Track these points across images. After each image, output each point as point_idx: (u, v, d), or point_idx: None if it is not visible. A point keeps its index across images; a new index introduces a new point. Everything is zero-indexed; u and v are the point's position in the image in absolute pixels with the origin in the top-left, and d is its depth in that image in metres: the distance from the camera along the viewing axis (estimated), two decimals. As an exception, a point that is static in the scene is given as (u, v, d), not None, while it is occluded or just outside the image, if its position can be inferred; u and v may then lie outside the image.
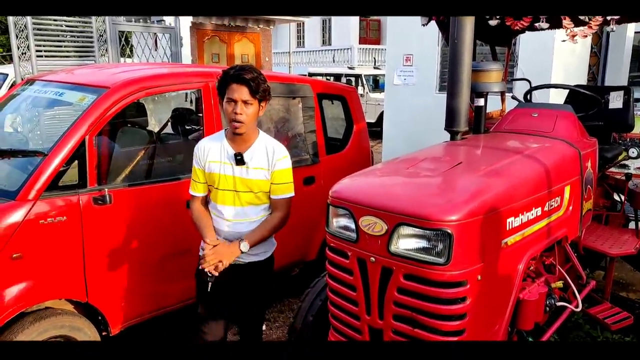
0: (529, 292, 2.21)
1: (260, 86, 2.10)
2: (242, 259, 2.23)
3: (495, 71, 3.06)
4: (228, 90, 2.08)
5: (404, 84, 7.00)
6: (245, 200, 2.22)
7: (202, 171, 2.23)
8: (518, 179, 2.27)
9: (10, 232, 2.37)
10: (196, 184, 2.27)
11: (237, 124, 2.09)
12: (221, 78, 2.11)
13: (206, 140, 2.28)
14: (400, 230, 1.89)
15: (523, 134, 2.98)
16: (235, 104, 2.07)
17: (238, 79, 2.06)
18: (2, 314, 2.36)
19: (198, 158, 2.24)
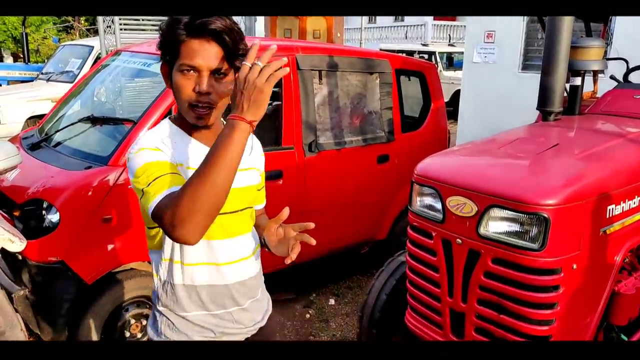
0: (625, 286, 2.07)
1: (241, 43, 1.25)
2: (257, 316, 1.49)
3: (596, 48, 2.85)
4: (184, 51, 1.22)
5: (484, 61, 6.69)
6: (242, 224, 1.40)
7: (174, 165, 1.24)
8: (620, 164, 2.11)
9: (102, 195, 2.51)
10: (171, 178, 1.19)
11: (204, 111, 1.25)
12: (168, 29, 1.23)
13: (149, 136, 1.28)
14: (492, 212, 1.83)
15: (623, 117, 2.76)
16: (200, 76, 1.22)
17: (204, 30, 1.20)
18: (91, 273, 2.52)
19: (158, 152, 1.24)
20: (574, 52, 2.79)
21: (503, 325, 1.88)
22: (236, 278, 1.39)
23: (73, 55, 7.96)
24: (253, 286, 1.45)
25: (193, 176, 1.10)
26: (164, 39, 1.25)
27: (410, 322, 2.23)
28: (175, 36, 1.21)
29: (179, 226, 1.08)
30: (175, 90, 1.26)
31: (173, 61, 1.25)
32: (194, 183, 1.08)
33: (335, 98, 3.55)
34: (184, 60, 1.21)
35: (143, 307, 2.76)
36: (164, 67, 1.30)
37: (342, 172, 3.54)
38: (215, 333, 1.39)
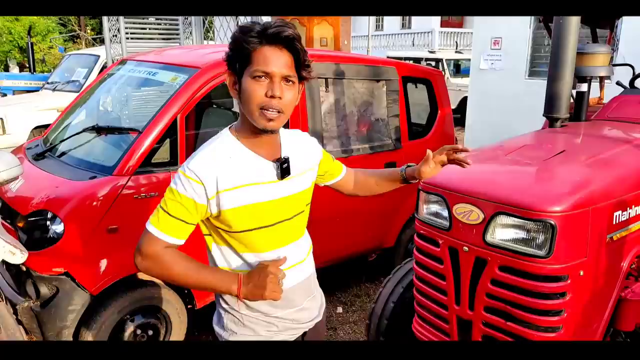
0: (632, 292, 2.06)
1: (306, 55, 1.33)
2: (314, 313, 1.58)
3: (602, 54, 2.86)
4: (257, 58, 1.26)
5: (491, 68, 6.70)
6: (296, 229, 1.48)
7: (203, 207, 1.33)
8: (626, 170, 2.11)
9: (107, 205, 2.50)
10: (179, 225, 1.32)
11: (275, 115, 1.29)
12: (240, 38, 1.27)
13: (208, 155, 1.34)
14: (498, 220, 1.83)
15: (630, 123, 2.76)
16: (272, 82, 1.27)
17: (278, 38, 1.26)
18: (97, 283, 2.52)
19: (200, 186, 1.30)
20: (580, 58, 2.80)
21: (510, 333, 1.88)
22: (293, 283, 1.46)
23: (79, 65, 8.02)
24: (308, 286, 1.54)
25: (178, 273, 1.34)
26: (234, 48, 1.29)
27: (418, 329, 2.23)
28: (248, 44, 1.26)
29: (139, 265, 1.35)
30: (245, 96, 1.29)
31: (243, 69, 1.29)
32: (172, 279, 1.36)
33: (342, 106, 3.57)
34: (257, 67, 1.26)
35: (149, 317, 2.77)
36: (231, 76, 1.34)
37: (349, 180, 3.54)
38: (279, 327, 1.47)
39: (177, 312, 2.87)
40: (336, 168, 1.68)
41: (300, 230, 1.50)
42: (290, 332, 1.51)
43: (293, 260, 1.46)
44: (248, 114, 1.31)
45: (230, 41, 1.30)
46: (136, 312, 2.73)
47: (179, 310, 2.88)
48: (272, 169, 1.38)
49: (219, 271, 1.40)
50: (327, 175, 1.66)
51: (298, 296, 1.49)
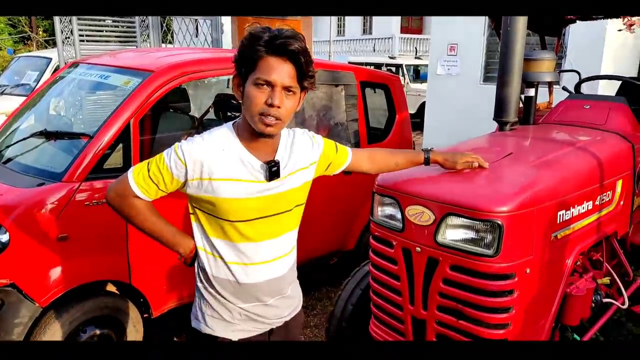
0: (576, 288, 2.16)
1: (310, 66, 1.40)
2: (283, 312, 1.61)
3: (547, 60, 2.98)
4: (261, 67, 1.33)
5: (448, 74, 6.88)
6: (283, 225, 1.53)
7: (179, 184, 1.44)
8: (569, 171, 2.21)
9: (56, 213, 2.41)
10: (152, 187, 1.45)
11: (273, 121, 1.36)
12: (249, 44, 1.35)
13: (202, 142, 1.43)
14: (449, 220, 1.88)
15: (574, 126, 2.89)
16: (273, 90, 1.35)
17: (283, 50, 1.33)
18: (46, 294, 2.42)
19: (182, 167, 1.41)
20: (527, 64, 2.91)
21: (462, 331, 1.93)
22: (260, 279, 1.51)
23: (30, 68, 7.72)
24: (280, 284, 1.56)
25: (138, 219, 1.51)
26: (243, 53, 1.38)
27: (374, 331, 2.26)
28: (255, 52, 1.34)
29: (111, 199, 1.51)
30: (247, 100, 1.38)
31: (247, 74, 1.37)
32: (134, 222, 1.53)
33: (300, 110, 3.58)
34: (260, 75, 1.34)
35: (103, 327, 2.68)
36: (236, 79, 1.42)
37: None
38: (241, 316, 1.53)
39: (133, 322, 2.80)
40: (341, 157, 1.75)
41: (281, 229, 1.52)
42: (253, 324, 1.54)
43: (264, 257, 1.50)
44: (248, 117, 1.39)
45: (240, 45, 1.39)
46: (89, 323, 2.64)
47: (134, 319, 2.80)
48: (261, 170, 1.44)
49: (172, 229, 1.56)
50: (331, 167, 1.73)
51: (266, 292, 1.52)
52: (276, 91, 1.34)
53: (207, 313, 1.54)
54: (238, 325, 1.53)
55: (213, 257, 1.50)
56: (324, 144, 1.68)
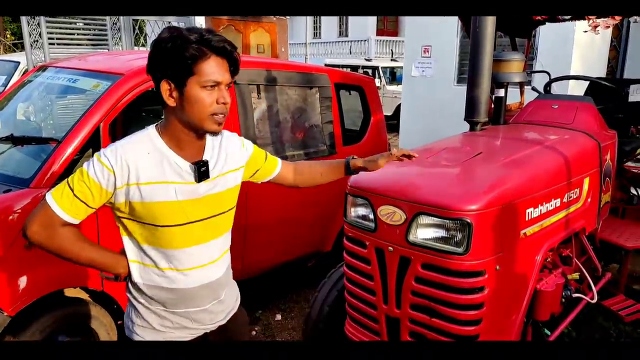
0: (546, 283, 2.21)
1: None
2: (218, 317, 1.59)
3: (516, 61, 3.04)
4: (205, 68, 1.33)
5: (422, 75, 6.96)
6: (216, 228, 1.51)
7: (109, 194, 1.37)
8: (538, 169, 2.26)
9: (24, 219, 2.37)
10: (80, 206, 1.36)
11: (223, 118, 1.39)
12: (180, 46, 1.31)
13: (125, 146, 1.38)
14: (420, 220, 1.91)
15: (543, 126, 2.96)
16: (219, 89, 1.36)
17: (222, 50, 1.35)
18: (15, 303, 2.35)
19: (110, 174, 1.35)
20: (497, 65, 2.97)
21: (434, 328, 1.95)
22: (196, 283, 1.48)
23: (-4, 71, 7.55)
24: (215, 289, 1.54)
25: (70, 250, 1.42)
26: (175, 57, 1.31)
27: (350, 331, 2.27)
28: (194, 54, 1.31)
29: (33, 236, 1.40)
30: (194, 105, 1.34)
31: (185, 78, 1.33)
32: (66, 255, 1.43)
33: (275, 112, 3.58)
34: (208, 77, 1.33)
35: (75, 336, 2.62)
36: (167, 84, 1.35)
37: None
38: (173, 323, 1.50)
39: (106, 329, 2.75)
40: (270, 165, 1.72)
41: (215, 233, 1.50)
42: (186, 331, 1.52)
43: (198, 262, 1.47)
44: (195, 120, 1.36)
45: (164, 50, 1.33)
46: (60, 331, 2.59)
47: (107, 326, 2.75)
48: (190, 170, 1.42)
49: (108, 252, 1.49)
50: (259, 174, 1.70)
51: (201, 297, 1.51)
52: (222, 89, 1.37)
53: (137, 323, 1.51)
54: (169, 333, 1.50)
55: (143, 266, 1.46)
56: (253, 149, 1.67)
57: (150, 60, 1.36)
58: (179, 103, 1.36)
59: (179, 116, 1.37)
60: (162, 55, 1.33)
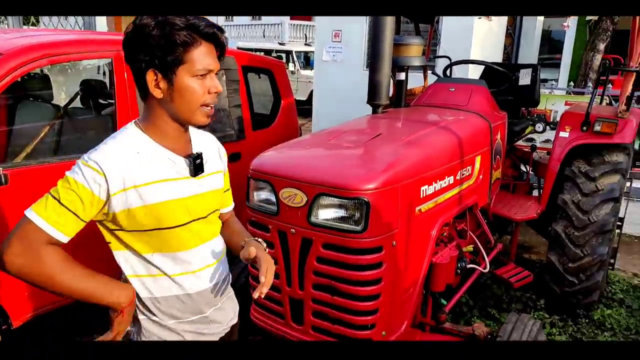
0: (441, 256, 2.35)
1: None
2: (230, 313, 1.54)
3: (415, 45, 3.16)
4: (196, 56, 1.24)
5: (333, 60, 7.03)
6: (217, 224, 1.47)
7: (101, 203, 1.23)
8: (432, 149, 2.38)
9: None
10: (69, 218, 1.20)
11: (211, 110, 1.31)
12: (169, 33, 1.21)
13: (112, 148, 1.26)
14: (320, 201, 1.93)
15: (440, 107, 3.11)
16: (210, 77, 1.28)
17: (212, 35, 1.27)
18: None
19: (102, 178, 1.21)
20: (397, 49, 3.06)
21: (337, 306, 2.00)
22: (211, 282, 1.41)
23: None
24: (225, 284, 1.49)
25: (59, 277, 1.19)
26: (162, 44, 1.21)
27: (255, 316, 2.27)
28: (184, 40, 1.22)
29: (11, 262, 1.16)
30: (184, 94, 1.25)
31: (175, 66, 1.23)
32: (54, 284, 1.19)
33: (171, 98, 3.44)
34: (200, 65, 1.24)
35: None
36: (153, 74, 1.24)
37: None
38: (188, 333, 1.40)
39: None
40: (228, 198, 1.60)
41: (215, 229, 1.45)
42: (202, 337, 1.44)
43: (207, 261, 1.40)
44: (185, 112, 1.28)
45: (149, 36, 1.21)
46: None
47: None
48: (184, 164, 1.34)
49: (110, 280, 1.29)
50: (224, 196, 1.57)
51: (214, 296, 1.43)
52: (214, 77, 1.28)
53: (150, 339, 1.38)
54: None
55: (152, 278, 1.34)
56: (227, 166, 1.57)
57: (131, 48, 1.24)
58: (167, 94, 1.26)
59: (166, 108, 1.28)
60: (147, 42, 1.21)
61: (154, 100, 1.28)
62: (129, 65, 1.28)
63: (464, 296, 3.42)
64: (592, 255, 3.18)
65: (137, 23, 1.23)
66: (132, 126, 1.32)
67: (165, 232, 1.30)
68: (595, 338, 3.18)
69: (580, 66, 7.21)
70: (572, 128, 3.40)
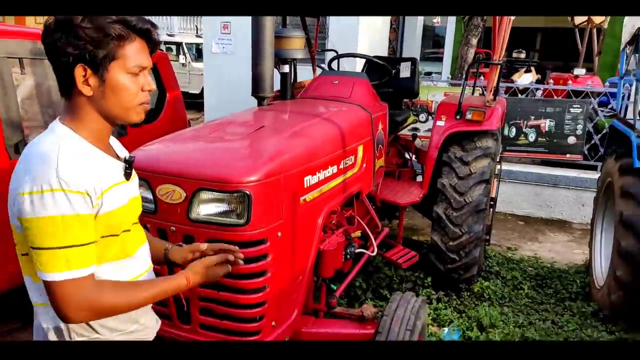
0: (328, 243, 2.41)
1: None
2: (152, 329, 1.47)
3: (297, 38, 3.19)
4: (131, 52, 1.20)
5: (223, 52, 6.88)
6: (141, 230, 1.42)
7: (92, 216, 1.17)
8: (315, 140, 2.43)
9: None
10: (89, 251, 1.16)
11: (145, 107, 1.27)
12: (102, 27, 1.16)
13: (67, 159, 1.14)
14: (200, 196, 1.88)
15: (325, 100, 3.18)
16: (143, 74, 1.24)
17: (146, 32, 1.23)
18: None
19: (86, 197, 1.15)
20: (279, 42, 3.07)
21: (223, 302, 1.97)
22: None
23: None
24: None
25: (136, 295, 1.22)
26: (95, 38, 1.15)
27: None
28: (119, 35, 1.17)
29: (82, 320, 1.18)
30: (118, 92, 1.20)
31: (107, 61, 1.18)
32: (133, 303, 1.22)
33: (45, 89, 3.16)
34: (135, 62, 1.21)
35: None
36: (82, 69, 1.17)
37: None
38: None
39: None
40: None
41: (143, 234, 1.42)
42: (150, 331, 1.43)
43: (145, 264, 1.38)
44: (118, 110, 1.23)
45: (79, 29, 1.14)
46: None
47: None
48: (121, 167, 1.30)
49: (158, 279, 1.36)
50: None
51: (142, 311, 1.35)
52: (147, 74, 1.25)
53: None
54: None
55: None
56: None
57: (55, 40, 1.15)
58: (98, 91, 1.20)
59: (97, 106, 1.21)
60: (77, 34, 1.14)
61: (82, 97, 1.21)
62: (51, 60, 1.19)
63: (357, 280, 3.56)
64: (469, 233, 3.46)
65: (62, 17, 1.16)
66: (63, 129, 1.21)
67: (115, 239, 1.26)
68: (476, 308, 3.48)
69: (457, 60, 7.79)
70: (447, 117, 3.66)
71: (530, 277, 4.12)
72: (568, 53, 9.28)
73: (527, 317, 3.49)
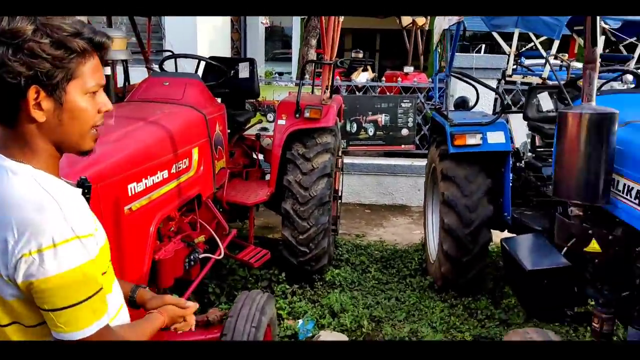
0: (164, 252, 2.30)
1: None
2: None
3: (117, 38, 3.00)
4: (88, 68, 1.05)
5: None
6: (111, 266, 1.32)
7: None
8: (140, 145, 2.30)
9: None
10: (104, 294, 1.09)
11: (98, 133, 1.15)
12: (64, 38, 1.00)
13: (57, 194, 1.02)
14: None
15: (154, 102, 3.04)
16: (99, 94, 1.10)
17: (103, 45, 1.08)
18: None
19: (92, 238, 1.07)
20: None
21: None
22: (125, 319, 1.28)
23: None
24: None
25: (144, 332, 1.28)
26: (53, 54, 0.98)
27: None
28: (84, 48, 1.02)
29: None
30: (76, 116, 1.05)
31: (64, 82, 1.01)
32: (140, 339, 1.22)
33: None
34: (93, 80, 1.07)
35: None
36: (35, 91, 0.99)
37: None
38: None
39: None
40: None
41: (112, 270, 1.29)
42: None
43: (120, 301, 1.26)
44: (75, 137, 1.08)
45: (34, 43, 0.96)
46: None
47: None
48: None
49: (143, 319, 1.36)
50: None
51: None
52: (102, 94, 1.10)
53: None
54: None
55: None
56: None
57: (3, 58, 0.94)
58: (53, 116, 1.03)
59: (49, 134, 1.05)
60: (31, 52, 0.96)
61: (31, 125, 1.02)
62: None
63: (210, 285, 3.48)
64: (317, 226, 3.59)
65: (10, 28, 0.96)
66: (21, 166, 1.03)
67: (104, 277, 1.14)
68: (328, 297, 3.62)
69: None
70: (287, 116, 3.74)
71: (376, 260, 4.42)
72: (403, 53, 10.17)
73: (374, 298, 3.74)
